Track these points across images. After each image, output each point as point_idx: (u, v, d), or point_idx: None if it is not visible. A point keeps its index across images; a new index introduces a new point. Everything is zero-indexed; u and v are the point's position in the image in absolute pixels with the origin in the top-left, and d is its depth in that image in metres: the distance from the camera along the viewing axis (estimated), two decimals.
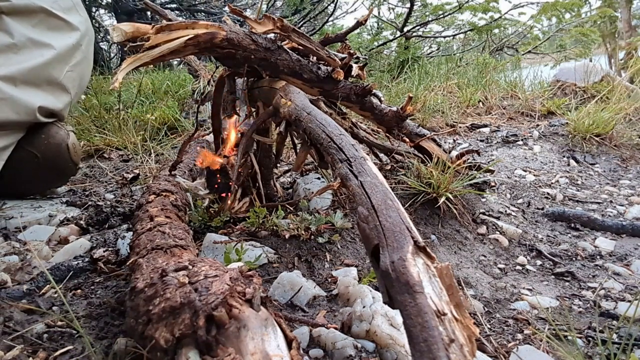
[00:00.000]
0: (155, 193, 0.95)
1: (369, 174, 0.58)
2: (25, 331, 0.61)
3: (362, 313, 0.67)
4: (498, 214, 1.30)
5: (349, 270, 0.88)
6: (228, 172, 1.08)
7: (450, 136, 2.21)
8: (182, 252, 0.65)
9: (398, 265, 0.42)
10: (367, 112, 1.26)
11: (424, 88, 2.80)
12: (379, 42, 4.91)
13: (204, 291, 0.46)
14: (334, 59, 1.10)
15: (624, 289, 0.95)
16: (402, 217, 0.49)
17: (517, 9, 4.96)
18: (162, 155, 1.88)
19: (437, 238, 1.12)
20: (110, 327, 0.65)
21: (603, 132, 2.03)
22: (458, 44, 5.92)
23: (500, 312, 0.85)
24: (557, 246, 1.18)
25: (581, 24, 5.13)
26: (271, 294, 0.79)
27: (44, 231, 1.04)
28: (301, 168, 1.03)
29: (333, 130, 0.72)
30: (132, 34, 0.77)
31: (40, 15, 1.13)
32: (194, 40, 0.84)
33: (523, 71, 3.51)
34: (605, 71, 2.92)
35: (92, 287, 0.79)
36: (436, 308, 0.38)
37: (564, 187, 1.61)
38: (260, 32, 0.98)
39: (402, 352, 0.62)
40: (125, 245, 0.94)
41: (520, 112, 2.59)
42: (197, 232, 1.02)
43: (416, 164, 1.23)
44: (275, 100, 0.93)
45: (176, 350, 0.44)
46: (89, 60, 1.32)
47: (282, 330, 0.48)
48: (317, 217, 1.00)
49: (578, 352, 0.64)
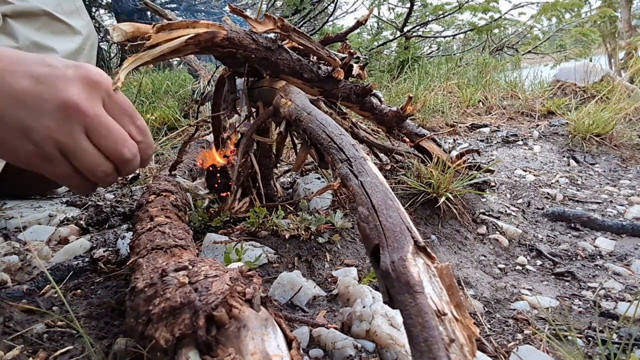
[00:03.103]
0: (155, 193, 0.95)
1: (369, 174, 0.58)
2: (25, 331, 0.61)
3: (362, 313, 0.67)
4: (498, 214, 1.30)
5: (349, 270, 0.88)
6: (228, 172, 1.08)
7: (450, 136, 2.21)
8: (182, 252, 0.65)
9: (398, 265, 0.42)
10: (367, 112, 1.26)
11: (424, 88, 2.80)
12: (379, 42, 4.91)
13: (204, 291, 0.46)
14: (334, 59, 1.10)
15: (624, 289, 0.95)
16: (402, 217, 0.49)
17: (517, 9, 4.96)
18: (162, 155, 1.88)
19: (437, 238, 1.12)
20: (110, 327, 0.65)
21: (603, 132, 2.03)
22: (458, 44, 5.93)
23: (500, 312, 0.85)
24: (557, 246, 1.18)
25: (581, 24, 5.13)
26: (271, 294, 0.79)
27: (44, 231, 1.04)
28: (301, 168, 1.03)
29: (333, 130, 0.72)
30: (132, 33, 0.77)
31: (43, 19, 1.13)
32: (194, 40, 0.84)
33: (523, 71, 3.51)
34: (605, 71, 2.92)
35: (92, 287, 0.79)
36: (436, 308, 0.38)
37: (564, 187, 1.61)
38: (260, 32, 0.98)
39: (402, 352, 0.62)
40: (125, 245, 0.94)
41: (520, 112, 2.59)
42: (197, 232, 1.02)
43: (416, 164, 1.23)
44: (275, 100, 0.93)
45: (176, 350, 0.44)
46: (92, 64, 1.32)
47: (282, 330, 0.47)
48: (317, 217, 1.00)
49: (578, 352, 0.64)
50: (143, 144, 0.62)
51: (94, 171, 0.58)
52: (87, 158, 0.57)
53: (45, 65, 0.55)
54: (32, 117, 0.54)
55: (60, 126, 0.54)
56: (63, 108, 0.54)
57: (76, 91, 0.55)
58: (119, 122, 0.59)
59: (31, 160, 0.57)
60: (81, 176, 0.59)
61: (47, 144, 0.55)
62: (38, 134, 0.54)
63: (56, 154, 0.56)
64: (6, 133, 0.54)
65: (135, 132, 0.61)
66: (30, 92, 0.53)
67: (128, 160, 0.59)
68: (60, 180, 0.61)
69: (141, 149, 0.62)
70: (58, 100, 0.54)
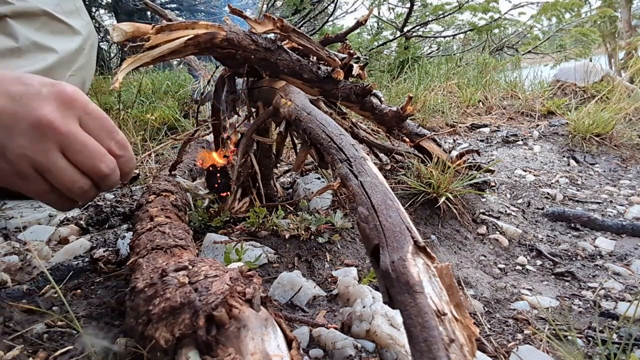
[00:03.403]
0: (155, 193, 0.95)
1: (369, 174, 0.58)
2: (25, 331, 0.61)
3: (362, 313, 0.67)
4: (498, 214, 1.30)
5: (349, 270, 0.88)
6: (228, 172, 1.08)
7: (450, 136, 2.21)
8: (182, 252, 0.65)
9: (398, 265, 0.42)
10: (367, 112, 1.26)
11: (424, 88, 2.80)
12: (379, 42, 4.91)
13: (204, 291, 0.46)
14: (334, 59, 1.10)
15: (624, 289, 0.95)
16: (402, 217, 0.49)
17: (517, 9, 4.96)
18: (162, 155, 1.88)
19: (437, 238, 1.12)
20: (110, 327, 0.65)
21: (603, 132, 2.03)
22: (458, 44, 5.93)
23: (500, 312, 0.85)
24: (557, 246, 1.18)
25: (581, 24, 5.14)
26: (271, 294, 0.79)
27: (44, 231, 1.04)
28: (301, 168, 1.03)
29: (333, 130, 0.72)
30: (132, 33, 0.77)
31: (42, 19, 1.13)
32: (194, 41, 0.84)
33: (523, 71, 3.51)
34: (605, 71, 2.92)
35: (92, 287, 0.79)
36: (436, 308, 0.38)
37: (564, 187, 1.61)
38: (260, 32, 0.98)
39: (402, 352, 0.62)
40: (125, 245, 0.94)
41: (520, 112, 2.59)
42: (197, 232, 1.02)
43: (416, 164, 1.23)
44: (275, 100, 0.93)
45: (176, 350, 0.44)
46: (92, 64, 1.32)
47: (282, 330, 0.47)
48: (317, 217, 1.00)
49: (578, 352, 0.64)
50: (123, 158, 0.62)
51: (71, 188, 0.58)
52: (63, 175, 0.57)
53: (21, 84, 0.56)
54: (7, 136, 0.54)
55: (35, 144, 0.55)
56: (37, 126, 0.54)
57: (50, 109, 0.55)
58: (97, 137, 0.59)
59: (7, 178, 0.57)
60: (58, 193, 0.59)
61: (22, 162, 0.55)
62: (12, 152, 0.54)
63: (31, 172, 0.56)
64: None
65: (115, 147, 0.61)
66: (6, 111, 0.54)
67: (106, 176, 0.59)
68: (37, 198, 0.61)
69: (121, 163, 0.62)
70: (32, 119, 0.54)
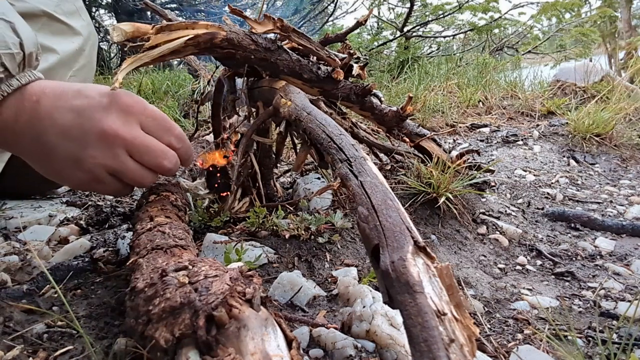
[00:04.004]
0: (155, 193, 0.94)
1: (369, 174, 0.58)
2: (25, 331, 0.61)
3: (362, 313, 0.67)
4: (498, 214, 1.30)
5: (349, 270, 0.88)
6: (228, 172, 1.08)
7: (450, 136, 2.21)
8: (182, 252, 0.65)
9: (398, 265, 0.42)
10: (367, 112, 1.26)
11: (424, 88, 2.80)
12: (379, 42, 4.91)
13: (204, 291, 0.46)
14: (334, 59, 1.10)
15: (624, 289, 0.95)
16: (402, 217, 0.49)
17: (517, 9, 4.96)
18: None
19: (437, 238, 1.12)
20: (110, 327, 0.65)
21: (603, 132, 2.03)
22: (458, 44, 5.93)
23: (500, 312, 0.85)
24: (557, 246, 1.18)
25: (581, 24, 5.14)
26: (271, 294, 0.79)
27: (44, 231, 1.04)
28: (301, 168, 1.03)
29: (333, 130, 0.72)
30: (132, 33, 0.77)
31: (43, 20, 1.13)
32: (194, 41, 0.84)
33: (523, 71, 3.51)
34: (605, 71, 2.92)
35: (92, 287, 0.79)
36: (436, 308, 0.38)
37: (564, 187, 1.61)
38: (260, 32, 0.98)
39: (402, 352, 0.62)
40: (125, 245, 0.94)
41: (520, 112, 2.59)
42: (197, 232, 1.02)
43: (416, 164, 1.23)
44: (275, 100, 0.93)
45: (176, 350, 0.44)
46: (92, 65, 1.32)
47: (282, 330, 0.47)
48: (317, 217, 1.00)
49: (578, 352, 0.64)
50: (182, 149, 0.72)
51: (142, 183, 0.69)
52: (134, 175, 0.66)
53: (83, 97, 0.61)
54: (80, 149, 0.61)
55: (105, 153, 0.62)
56: (104, 137, 0.61)
57: (112, 119, 0.62)
58: (157, 136, 0.68)
59: (86, 185, 0.66)
60: (130, 187, 0.70)
61: (97, 170, 0.63)
62: (87, 163, 0.62)
63: (107, 176, 0.64)
64: (61, 164, 0.62)
65: (174, 141, 0.70)
66: (74, 126, 0.60)
67: (169, 169, 0.70)
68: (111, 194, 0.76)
69: (181, 154, 0.72)
70: (98, 130, 0.61)
